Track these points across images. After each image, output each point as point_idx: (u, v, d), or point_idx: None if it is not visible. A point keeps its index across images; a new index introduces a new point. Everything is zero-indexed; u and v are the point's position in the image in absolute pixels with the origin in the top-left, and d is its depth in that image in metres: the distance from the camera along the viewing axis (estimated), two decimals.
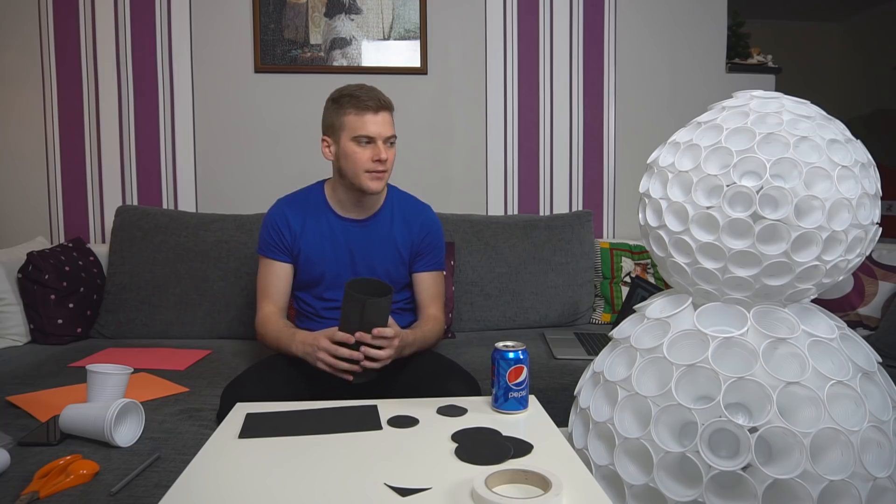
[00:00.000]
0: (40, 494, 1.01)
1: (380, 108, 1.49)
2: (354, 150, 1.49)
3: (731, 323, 1.09)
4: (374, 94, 1.49)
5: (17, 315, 2.01)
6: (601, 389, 1.19)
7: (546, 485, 0.80)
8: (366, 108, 1.47)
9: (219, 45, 2.44)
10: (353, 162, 1.50)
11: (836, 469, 0.97)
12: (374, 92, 1.50)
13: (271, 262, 1.60)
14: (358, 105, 1.48)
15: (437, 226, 1.67)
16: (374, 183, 1.51)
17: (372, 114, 1.48)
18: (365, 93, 1.49)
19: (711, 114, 1.18)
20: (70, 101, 2.40)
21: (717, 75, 2.63)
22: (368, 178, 1.50)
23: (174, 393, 1.52)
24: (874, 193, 1.08)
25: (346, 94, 1.50)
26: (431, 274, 1.64)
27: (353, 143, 1.49)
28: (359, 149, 1.49)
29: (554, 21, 2.55)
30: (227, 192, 2.48)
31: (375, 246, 1.60)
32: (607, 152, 2.62)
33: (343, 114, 1.49)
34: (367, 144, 1.49)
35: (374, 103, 1.48)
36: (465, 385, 1.37)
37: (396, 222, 1.62)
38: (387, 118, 1.51)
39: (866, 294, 1.99)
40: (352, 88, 1.51)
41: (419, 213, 1.65)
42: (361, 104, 1.48)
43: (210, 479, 0.87)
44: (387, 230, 1.61)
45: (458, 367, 1.48)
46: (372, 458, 0.93)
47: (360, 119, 1.48)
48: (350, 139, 1.49)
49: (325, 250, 1.58)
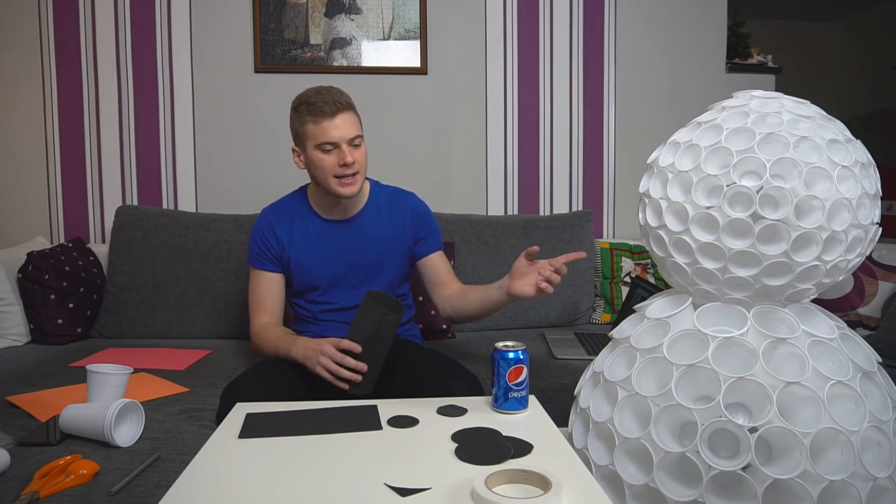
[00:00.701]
0: (40, 494, 1.01)
1: (337, 111, 1.44)
2: (320, 157, 1.47)
3: (731, 323, 1.09)
4: (331, 98, 1.45)
5: (17, 315, 2.01)
6: (601, 389, 1.19)
7: (546, 485, 0.80)
8: (322, 114, 1.44)
9: (219, 45, 2.44)
10: (321, 170, 1.48)
11: (836, 469, 0.97)
12: (330, 95, 1.45)
13: (262, 273, 1.58)
14: (314, 112, 1.44)
15: (425, 208, 1.66)
16: (345, 189, 1.48)
17: (329, 119, 1.44)
18: (321, 97, 1.44)
19: (711, 114, 1.18)
20: (70, 101, 2.40)
21: (717, 75, 2.63)
22: (338, 185, 1.48)
23: (174, 393, 1.52)
24: (874, 193, 1.08)
25: (304, 102, 1.46)
26: (438, 253, 1.64)
27: (318, 151, 1.46)
28: (324, 156, 1.46)
29: (554, 21, 2.55)
30: (227, 192, 2.48)
31: (369, 243, 1.59)
32: (607, 152, 2.62)
33: (303, 123, 1.47)
34: (331, 150, 1.46)
35: (331, 107, 1.43)
36: (466, 384, 1.35)
37: (384, 216, 1.61)
38: (347, 119, 1.46)
39: (866, 294, 1.99)
40: (309, 94, 1.47)
41: (405, 201, 1.64)
42: (317, 110, 1.44)
43: (210, 479, 0.87)
44: (376, 225, 1.60)
45: (460, 367, 1.46)
46: (372, 458, 0.93)
47: (318, 126, 1.44)
48: (314, 147, 1.46)
49: (316, 256, 1.57)
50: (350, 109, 1.48)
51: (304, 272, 1.58)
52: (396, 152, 2.52)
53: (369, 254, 1.59)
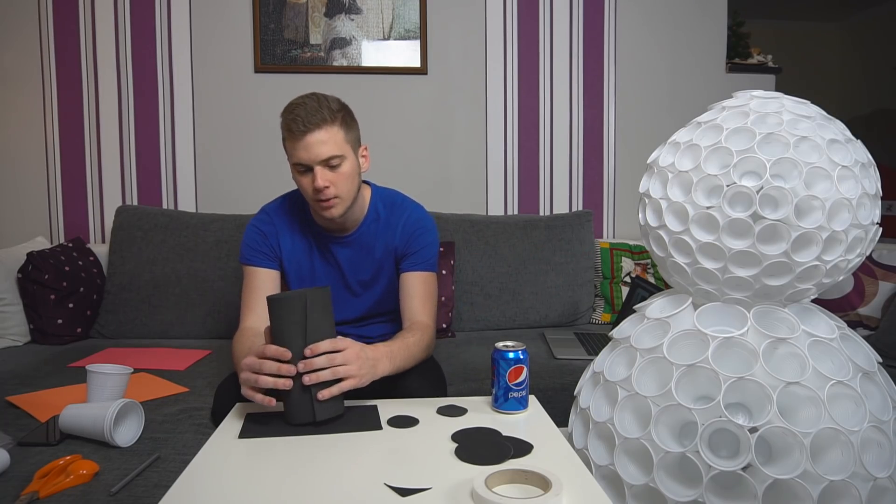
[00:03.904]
0: (40, 494, 1.01)
1: (308, 131, 1.26)
2: (296, 177, 1.33)
3: (731, 323, 1.09)
4: (304, 112, 1.27)
5: (17, 315, 2.01)
6: (601, 389, 1.19)
7: (546, 485, 0.80)
8: (292, 133, 1.28)
9: (219, 45, 2.44)
10: (301, 190, 1.35)
11: (837, 469, 0.97)
12: (305, 109, 1.27)
13: (256, 269, 1.43)
14: (289, 127, 1.28)
15: (424, 224, 1.48)
16: (326, 212, 1.34)
17: (299, 137, 1.27)
18: (298, 111, 1.27)
19: (711, 114, 1.18)
20: (70, 101, 2.40)
21: (717, 75, 2.63)
22: (318, 207, 1.34)
23: (174, 393, 1.52)
24: (874, 193, 1.08)
25: (286, 111, 1.31)
26: (418, 274, 1.44)
27: (294, 171, 1.33)
28: (300, 176, 1.33)
29: (554, 21, 2.55)
30: (227, 192, 2.48)
31: (366, 258, 1.48)
32: (607, 152, 2.62)
33: (283, 137, 1.33)
34: (304, 172, 1.32)
35: (300, 125, 1.26)
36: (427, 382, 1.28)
37: (381, 226, 1.48)
38: (320, 137, 1.27)
39: (866, 294, 1.99)
40: (292, 104, 1.31)
41: (402, 214, 1.48)
42: (289, 127, 1.28)
43: (210, 479, 0.87)
44: (374, 239, 1.48)
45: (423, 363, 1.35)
46: (372, 458, 0.93)
47: (291, 144, 1.30)
48: (292, 165, 1.33)
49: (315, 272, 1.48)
50: (328, 124, 1.28)
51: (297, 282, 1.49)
52: (396, 152, 2.52)
53: (364, 271, 1.50)
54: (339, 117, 1.31)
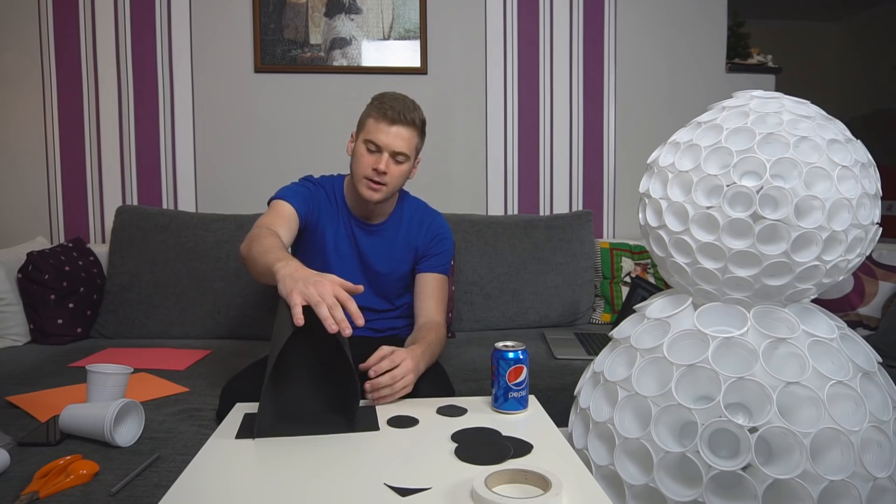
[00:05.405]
0: (40, 494, 1.01)
1: (397, 122, 1.45)
2: (362, 152, 1.48)
3: (731, 323, 1.09)
4: (400, 107, 1.46)
5: (17, 315, 2.01)
6: (601, 389, 1.19)
7: (546, 485, 0.80)
8: (384, 117, 1.46)
9: (219, 45, 2.44)
10: (357, 164, 1.49)
11: (837, 469, 0.97)
12: (403, 104, 1.47)
13: (285, 204, 1.49)
14: (380, 110, 1.46)
15: (445, 232, 1.65)
16: (369, 192, 1.48)
17: (387, 123, 1.45)
18: (394, 103, 1.46)
19: (711, 114, 1.18)
20: (70, 101, 2.40)
21: (717, 75, 2.63)
22: (365, 186, 1.48)
23: (174, 393, 1.52)
24: (874, 193, 1.08)
25: (380, 98, 1.49)
26: (435, 276, 1.60)
27: (363, 146, 1.48)
28: (366, 153, 1.48)
29: (554, 21, 2.55)
30: (227, 192, 2.48)
31: (386, 251, 1.60)
32: (607, 152, 2.62)
33: (368, 114, 1.49)
34: (373, 151, 1.47)
35: (394, 114, 1.45)
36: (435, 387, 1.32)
37: (404, 226, 1.62)
38: (402, 133, 1.46)
39: (866, 294, 1.99)
40: (388, 94, 1.49)
41: (427, 218, 1.64)
42: (383, 111, 1.46)
43: (210, 479, 0.87)
44: (395, 234, 1.61)
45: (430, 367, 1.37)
46: (372, 458, 0.93)
47: (375, 125, 1.46)
48: (363, 140, 1.48)
49: (340, 249, 1.57)
50: (412, 127, 1.48)
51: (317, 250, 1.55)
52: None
53: (382, 263, 1.60)
54: (420, 126, 1.51)
